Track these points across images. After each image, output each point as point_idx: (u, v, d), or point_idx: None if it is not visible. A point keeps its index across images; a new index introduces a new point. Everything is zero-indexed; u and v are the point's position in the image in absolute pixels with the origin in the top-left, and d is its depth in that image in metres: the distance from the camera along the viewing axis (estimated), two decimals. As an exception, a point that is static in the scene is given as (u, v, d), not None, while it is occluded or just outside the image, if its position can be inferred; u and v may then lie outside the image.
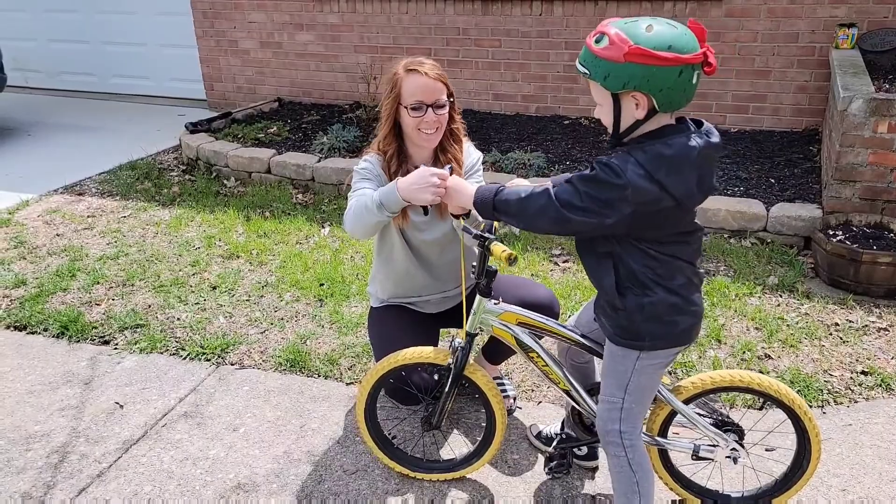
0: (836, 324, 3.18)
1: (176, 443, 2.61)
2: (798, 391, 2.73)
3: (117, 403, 2.84)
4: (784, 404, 2.02)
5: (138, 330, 3.32)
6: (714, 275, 3.63)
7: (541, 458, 2.46)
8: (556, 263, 3.85)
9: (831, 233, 3.59)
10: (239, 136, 5.64)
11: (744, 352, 2.98)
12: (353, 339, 3.17)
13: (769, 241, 3.92)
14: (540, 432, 2.53)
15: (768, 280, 3.53)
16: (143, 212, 4.69)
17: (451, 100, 2.29)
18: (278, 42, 6.71)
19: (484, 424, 2.34)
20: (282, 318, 3.38)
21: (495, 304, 2.09)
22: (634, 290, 1.77)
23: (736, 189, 4.32)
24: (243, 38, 6.83)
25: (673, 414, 2.08)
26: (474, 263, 2.01)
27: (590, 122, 5.68)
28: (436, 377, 2.23)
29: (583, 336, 2.10)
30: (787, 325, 3.17)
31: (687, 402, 2.05)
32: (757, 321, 3.20)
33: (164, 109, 7.30)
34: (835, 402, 2.70)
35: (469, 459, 2.36)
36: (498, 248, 1.87)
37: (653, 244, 1.73)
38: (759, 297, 3.41)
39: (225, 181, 5.20)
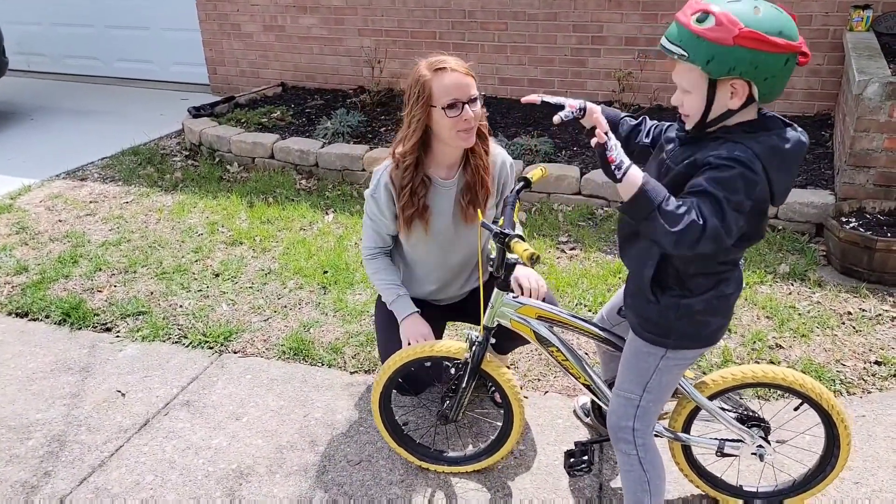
0: (849, 313, 3.12)
1: (178, 432, 2.58)
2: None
3: (119, 392, 2.81)
4: (814, 400, 1.94)
5: (140, 317, 3.29)
6: (724, 262, 3.57)
7: (547, 449, 2.42)
8: (563, 251, 3.79)
9: (844, 220, 3.52)
10: (242, 120, 5.58)
11: (754, 341, 2.93)
12: (357, 328, 3.13)
13: (780, 228, 3.85)
14: (584, 404, 2.55)
15: (779, 268, 3.47)
16: (145, 197, 4.65)
17: (482, 94, 2.19)
18: (281, 25, 6.62)
19: (487, 417, 2.30)
20: (285, 306, 3.34)
21: (514, 297, 2.04)
22: (675, 290, 1.69)
23: (746, 175, 4.24)
24: (246, 21, 6.75)
25: (697, 409, 2.02)
26: (492, 256, 1.95)
27: (597, 107, 5.58)
28: (453, 371, 2.19)
29: (604, 330, 2.04)
30: (799, 314, 3.11)
31: (712, 397, 1.99)
32: (768, 310, 3.14)
33: (167, 94, 7.24)
34: (847, 392, 2.65)
35: (485, 453, 2.33)
36: (520, 246, 1.78)
37: (734, 255, 1.63)
38: (770, 286, 3.35)
39: (228, 166, 5.15)
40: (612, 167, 1.51)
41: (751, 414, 2.04)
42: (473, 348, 2.08)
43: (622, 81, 5.10)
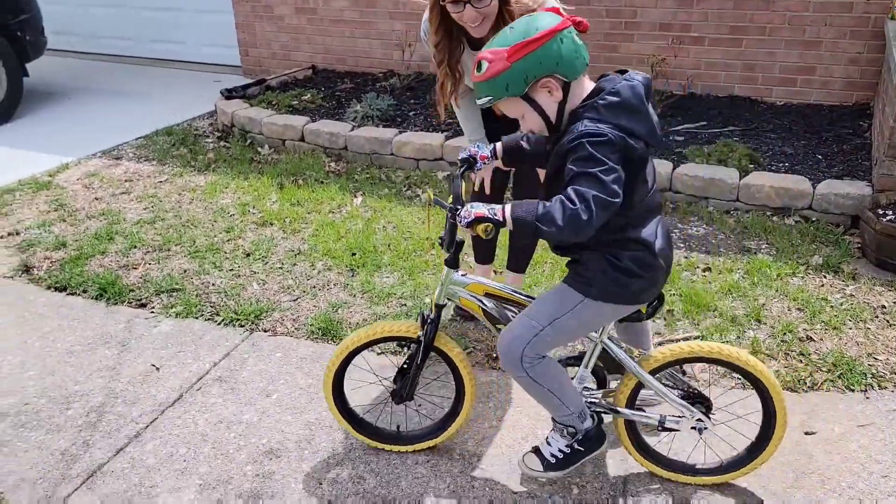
0: (883, 306, 3.07)
1: (210, 406, 2.64)
2: (840, 375, 2.66)
3: (154, 366, 2.88)
4: (751, 375, 2.04)
5: (174, 294, 3.36)
6: (755, 253, 3.53)
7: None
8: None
9: (881, 212, 3.45)
10: (273, 103, 5.62)
11: (784, 333, 2.90)
12: (385, 310, 3.17)
13: (814, 219, 3.79)
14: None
15: (812, 260, 3.43)
16: (178, 177, 4.73)
17: None
18: (313, 8, 6.64)
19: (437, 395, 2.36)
20: (314, 287, 3.39)
21: (462, 275, 2.09)
22: (599, 248, 1.84)
23: (781, 165, 4.18)
24: (278, 3, 6.77)
25: (640, 386, 2.11)
26: (441, 235, 2.01)
27: (629, 94, 5.53)
28: (406, 350, 2.22)
29: None
30: (831, 307, 3.08)
31: (654, 372, 2.08)
32: (799, 302, 3.11)
33: (199, 75, 7.31)
34: (879, 386, 2.62)
35: (438, 430, 2.38)
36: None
37: (628, 210, 1.77)
38: (802, 277, 3.31)
39: (259, 148, 5.21)
40: (492, 220, 1.72)
41: (694, 391, 2.13)
42: (426, 326, 2.12)
43: (655, 68, 5.05)
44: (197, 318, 3.19)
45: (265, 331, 3.09)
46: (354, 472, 2.32)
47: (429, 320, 2.12)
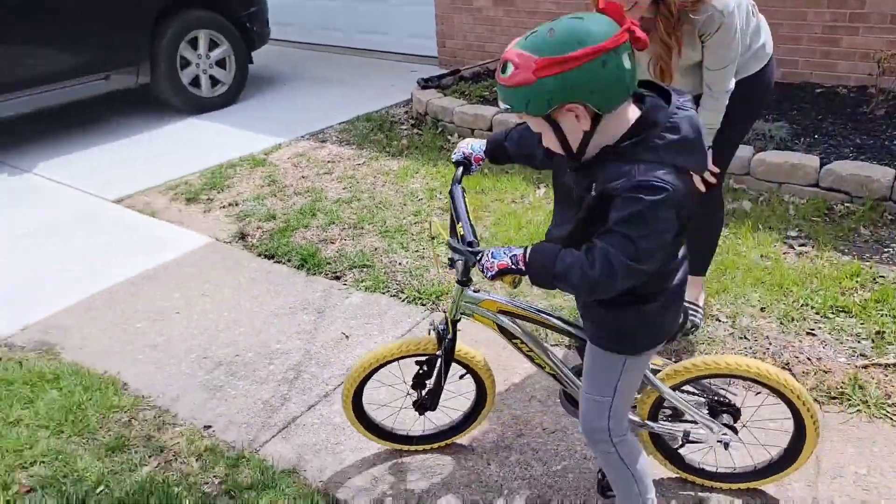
0: None
1: (390, 378, 2.82)
2: None
3: (344, 334, 3.13)
4: (779, 392, 1.94)
5: (365, 270, 3.61)
6: None
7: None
8: (791, 246, 3.50)
9: None
10: (465, 93, 5.80)
11: None
12: (561, 302, 3.18)
13: None
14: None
15: None
16: (374, 161, 5.05)
17: None
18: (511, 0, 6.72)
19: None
20: (493, 274, 3.47)
21: (475, 291, 2.05)
22: (628, 297, 1.62)
23: None
24: (478, -5, 6.94)
25: (662, 399, 2.00)
26: (451, 259, 1.89)
27: (848, 92, 5.01)
28: (425, 368, 2.22)
29: (567, 323, 2.02)
30: None
31: (676, 387, 2.01)
32: None
33: (398, 65, 7.71)
34: None
35: (461, 426, 2.44)
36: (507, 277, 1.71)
37: (670, 260, 1.62)
38: None
39: (449, 136, 5.40)
40: (516, 270, 1.63)
41: (720, 399, 2.05)
42: (445, 343, 2.11)
43: (882, 63, 4.52)
44: (383, 293, 3.41)
45: (444, 311, 3.22)
46: (521, 458, 2.38)
47: (446, 337, 2.12)
